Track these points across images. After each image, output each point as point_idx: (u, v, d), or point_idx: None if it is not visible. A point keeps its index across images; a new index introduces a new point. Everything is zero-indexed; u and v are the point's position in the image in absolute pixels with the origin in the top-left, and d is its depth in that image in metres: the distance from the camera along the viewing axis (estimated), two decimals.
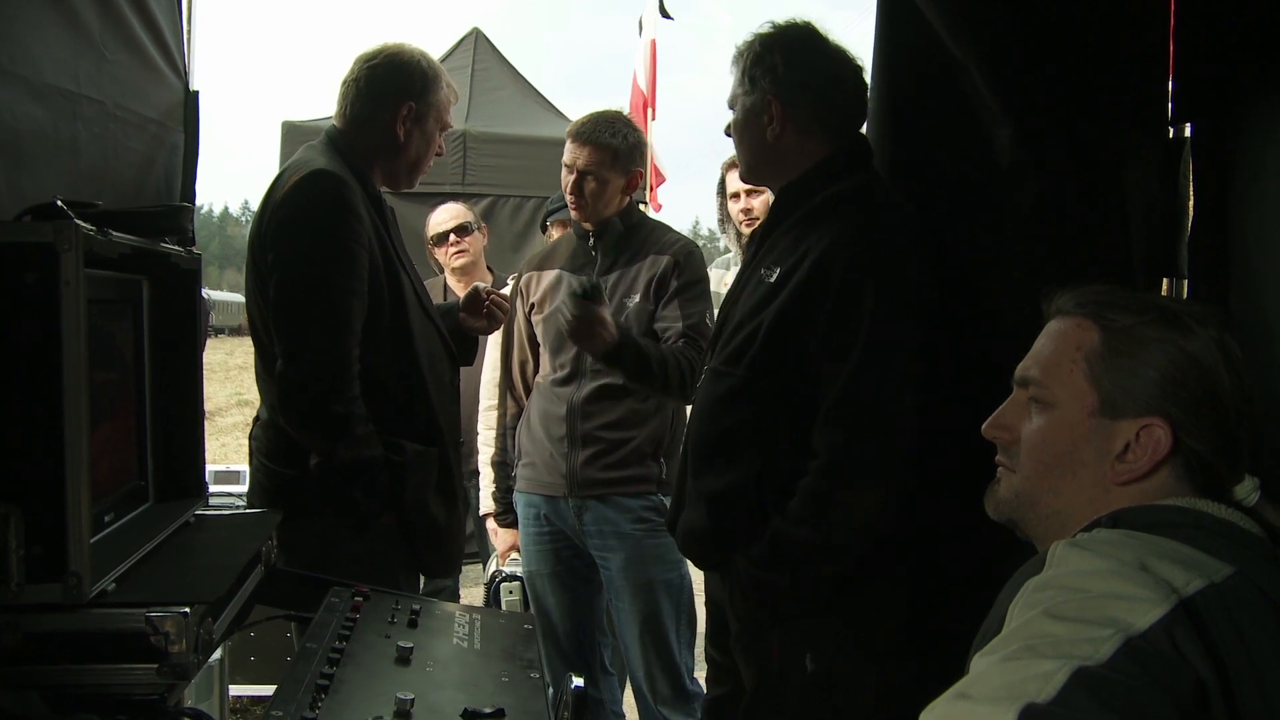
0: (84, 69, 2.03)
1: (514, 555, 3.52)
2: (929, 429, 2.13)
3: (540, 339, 3.32)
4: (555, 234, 4.01)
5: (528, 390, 3.40)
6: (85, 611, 1.45)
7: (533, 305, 3.34)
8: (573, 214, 3.28)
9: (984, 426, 1.37)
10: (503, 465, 3.50)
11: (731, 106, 2.37)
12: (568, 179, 3.21)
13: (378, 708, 1.50)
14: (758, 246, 2.37)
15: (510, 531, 3.54)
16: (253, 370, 2.62)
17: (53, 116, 1.92)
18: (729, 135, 2.41)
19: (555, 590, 3.35)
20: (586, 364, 3.16)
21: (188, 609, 1.48)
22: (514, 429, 3.44)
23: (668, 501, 2.67)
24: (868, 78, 2.38)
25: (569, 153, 3.22)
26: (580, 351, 3.12)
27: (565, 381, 3.21)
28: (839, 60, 2.32)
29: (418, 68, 2.57)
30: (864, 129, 2.43)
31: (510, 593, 3.47)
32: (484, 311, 2.87)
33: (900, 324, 2.11)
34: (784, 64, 2.27)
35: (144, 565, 1.66)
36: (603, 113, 3.29)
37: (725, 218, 4.13)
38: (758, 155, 2.35)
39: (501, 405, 3.55)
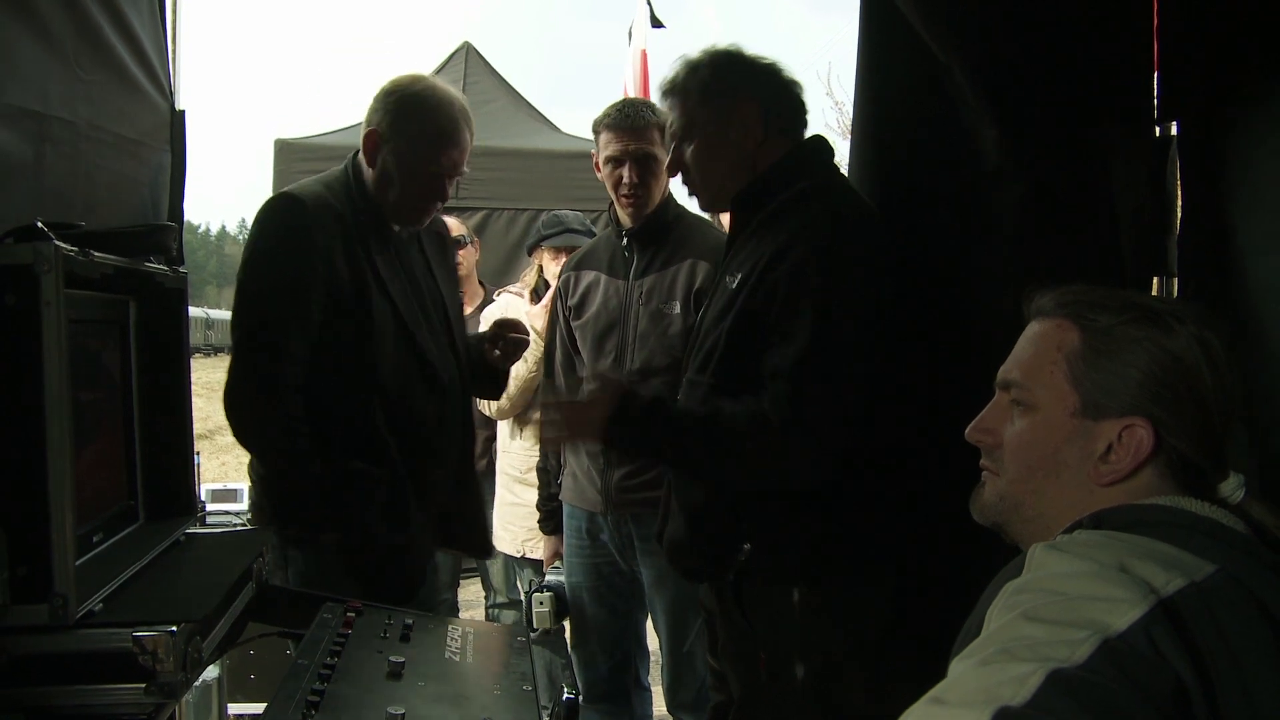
0: (54, 89, 2.01)
1: (556, 564, 3.45)
2: (915, 431, 2.12)
3: (579, 344, 3.19)
4: (547, 259, 3.94)
5: (571, 393, 3.24)
6: (71, 632, 1.44)
7: (571, 309, 3.22)
8: (625, 211, 3.09)
9: (967, 430, 1.37)
10: (544, 471, 3.44)
11: (683, 139, 2.30)
12: (616, 173, 3.03)
13: None
14: (724, 255, 2.36)
15: (551, 539, 3.48)
16: None
17: (16, 138, 1.90)
18: (674, 174, 2.37)
19: (594, 604, 3.28)
20: (621, 376, 2.99)
21: (175, 628, 1.47)
22: None
23: None
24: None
25: (614, 145, 3.03)
26: (615, 360, 3.03)
27: None
28: (776, 68, 2.32)
29: (386, 98, 2.50)
30: (852, 129, 2.44)
31: (540, 604, 3.36)
32: (499, 347, 2.81)
33: (849, 303, 2.08)
34: (738, 73, 2.28)
35: (132, 585, 1.65)
36: (626, 100, 3.16)
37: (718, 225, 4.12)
38: (736, 170, 2.28)
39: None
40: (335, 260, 2.39)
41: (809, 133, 2.35)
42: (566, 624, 3.39)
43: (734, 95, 2.26)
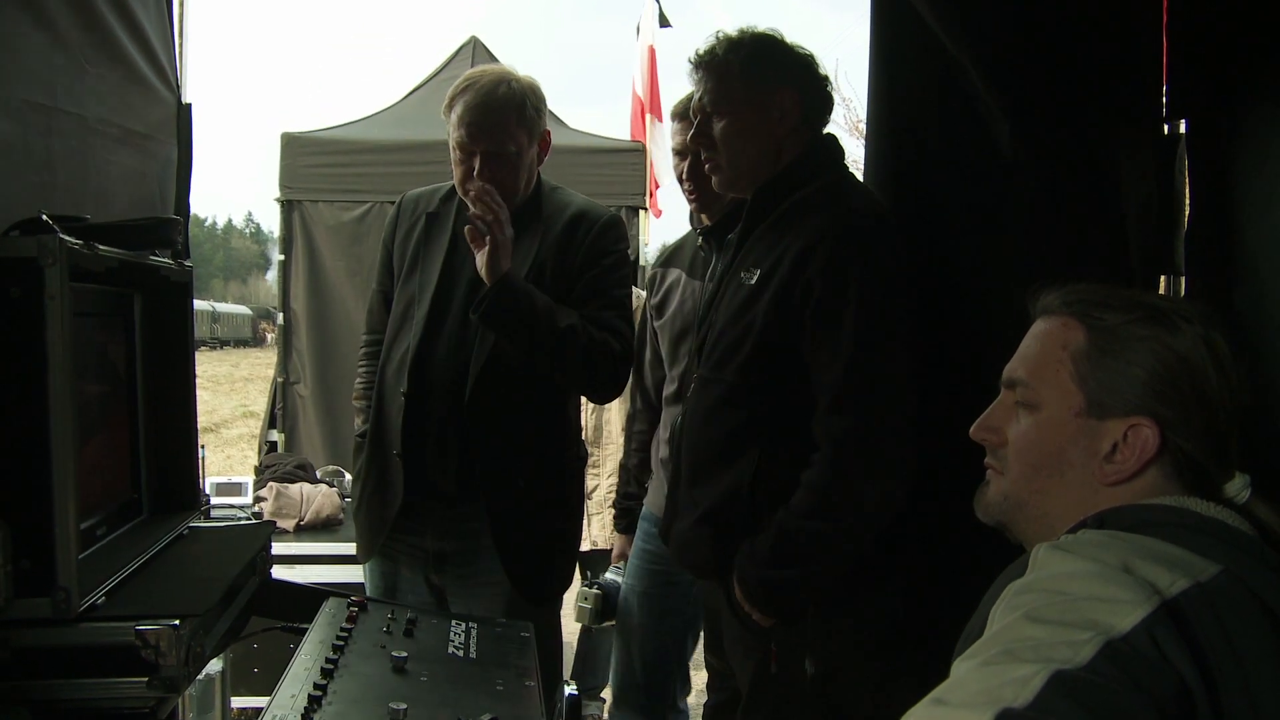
0: (61, 82, 2.01)
1: (620, 564, 3.34)
2: (921, 429, 2.12)
3: (660, 343, 3.10)
4: None
5: (657, 390, 3.16)
6: (74, 626, 1.45)
7: (654, 307, 3.13)
8: (691, 204, 2.98)
9: (972, 429, 1.36)
10: (624, 469, 3.35)
11: (715, 113, 2.27)
12: (680, 166, 2.93)
13: (371, 718, 1.49)
14: (735, 249, 2.33)
15: (622, 538, 3.36)
16: (256, 381, 2.72)
17: (23, 131, 1.89)
18: (698, 145, 2.34)
19: (642, 609, 3.17)
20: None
21: (178, 622, 1.48)
22: (641, 430, 3.25)
23: None
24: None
25: (677, 136, 2.95)
26: (687, 368, 2.79)
27: (673, 399, 2.94)
28: (813, 60, 2.31)
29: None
30: (864, 126, 2.43)
31: (585, 600, 3.27)
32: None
33: (887, 309, 2.09)
34: (782, 58, 2.27)
35: (136, 578, 1.66)
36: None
37: None
38: (764, 155, 2.26)
39: (631, 404, 3.36)
40: (393, 251, 2.73)
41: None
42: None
43: (776, 79, 2.24)
